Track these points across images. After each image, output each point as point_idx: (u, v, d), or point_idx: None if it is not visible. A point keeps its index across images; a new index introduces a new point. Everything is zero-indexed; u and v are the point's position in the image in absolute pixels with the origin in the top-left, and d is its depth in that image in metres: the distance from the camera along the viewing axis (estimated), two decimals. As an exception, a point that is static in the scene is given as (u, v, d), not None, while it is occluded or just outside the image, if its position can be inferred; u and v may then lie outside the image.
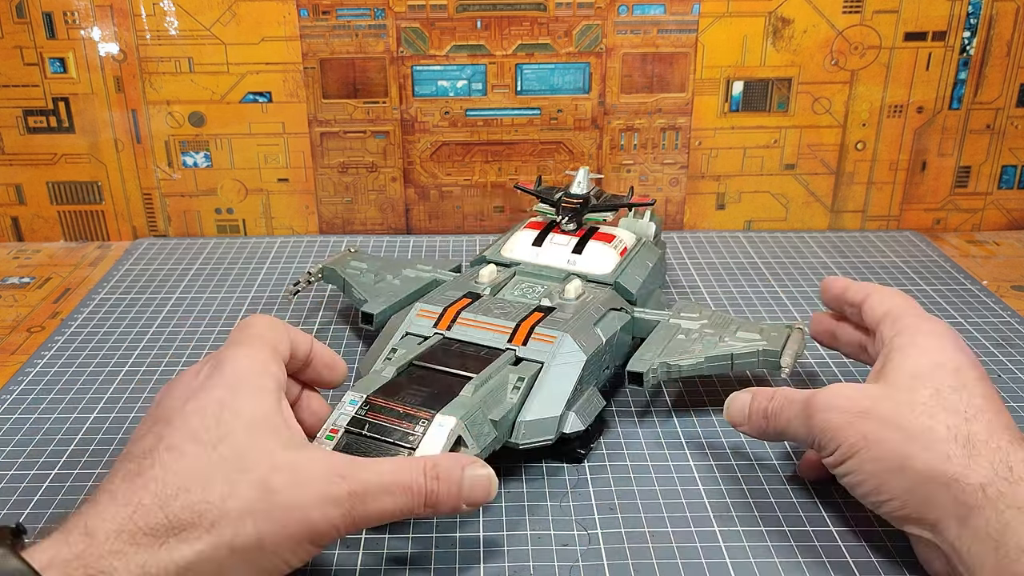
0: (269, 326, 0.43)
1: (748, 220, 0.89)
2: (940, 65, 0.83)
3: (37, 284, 0.77)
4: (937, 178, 0.88)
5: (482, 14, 0.80)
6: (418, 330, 0.54)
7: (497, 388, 0.48)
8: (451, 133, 0.84)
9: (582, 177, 0.65)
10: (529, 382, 0.49)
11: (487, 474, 0.40)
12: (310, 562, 0.43)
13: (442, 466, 0.38)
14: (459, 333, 0.53)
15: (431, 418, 0.43)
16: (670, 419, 0.56)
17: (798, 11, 0.80)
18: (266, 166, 0.85)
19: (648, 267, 0.63)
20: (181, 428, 0.37)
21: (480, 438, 0.44)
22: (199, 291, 0.74)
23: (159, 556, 0.33)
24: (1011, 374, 0.61)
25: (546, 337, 0.51)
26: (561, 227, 0.64)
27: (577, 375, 0.50)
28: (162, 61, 0.80)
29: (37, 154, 0.83)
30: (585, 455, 0.51)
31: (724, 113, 0.84)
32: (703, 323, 0.57)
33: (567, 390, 0.49)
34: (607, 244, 0.62)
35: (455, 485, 0.38)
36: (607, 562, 0.43)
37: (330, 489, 0.36)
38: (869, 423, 0.41)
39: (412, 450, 0.42)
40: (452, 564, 0.43)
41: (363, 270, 0.67)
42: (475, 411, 0.45)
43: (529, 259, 0.62)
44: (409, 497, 0.37)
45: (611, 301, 0.57)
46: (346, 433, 0.44)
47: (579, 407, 0.50)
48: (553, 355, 0.50)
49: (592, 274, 0.60)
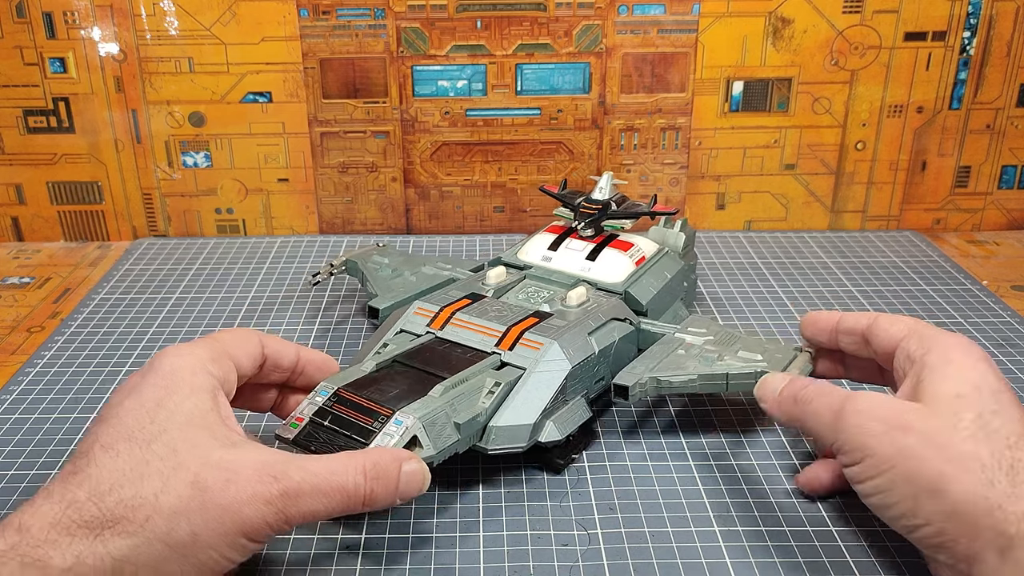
0: (231, 333, 0.44)
1: (748, 220, 0.89)
2: (940, 65, 0.83)
3: (37, 284, 0.77)
4: (937, 178, 0.88)
5: (482, 14, 0.80)
6: (412, 328, 0.54)
7: (471, 391, 0.47)
8: (451, 133, 0.84)
9: (604, 183, 0.64)
10: (508, 388, 0.48)
11: (421, 469, 0.40)
12: (310, 562, 0.43)
13: (380, 465, 0.39)
14: (450, 334, 0.53)
15: (390, 415, 0.44)
16: (671, 419, 0.56)
17: (798, 11, 0.80)
18: (266, 166, 0.85)
19: (666, 278, 0.61)
20: (116, 427, 0.37)
21: (437, 440, 0.44)
22: (199, 291, 0.74)
23: (94, 547, 0.34)
24: (1011, 374, 0.61)
25: (533, 343, 0.50)
26: (579, 233, 0.63)
27: (559, 384, 0.49)
28: (162, 61, 0.80)
29: (37, 154, 0.83)
30: (564, 465, 0.50)
31: (724, 113, 0.84)
32: (708, 339, 0.54)
33: (545, 398, 0.48)
34: (623, 252, 0.61)
35: (392, 483, 0.39)
36: (607, 562, 0.43)
37: (262, 489, 0.36)
38: (909, 438, 0.38)
39: (365, 444, 0.42)
40: (452, 564, 0.43)
41: (383, 265, 0.67)
42: (437, 412, 0.44)
43: (542, 263, 0.62)
44: (345, 498, 0.38)
45: (615, 311, 0.56)
46: (310, 422, 0.44)
47: (560, 416, 0.49)
48: (537, 362, 0.49)
49: (603, 282, 0.59)
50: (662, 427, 0.55)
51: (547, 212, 0.87)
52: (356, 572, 0.43)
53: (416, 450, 0.43)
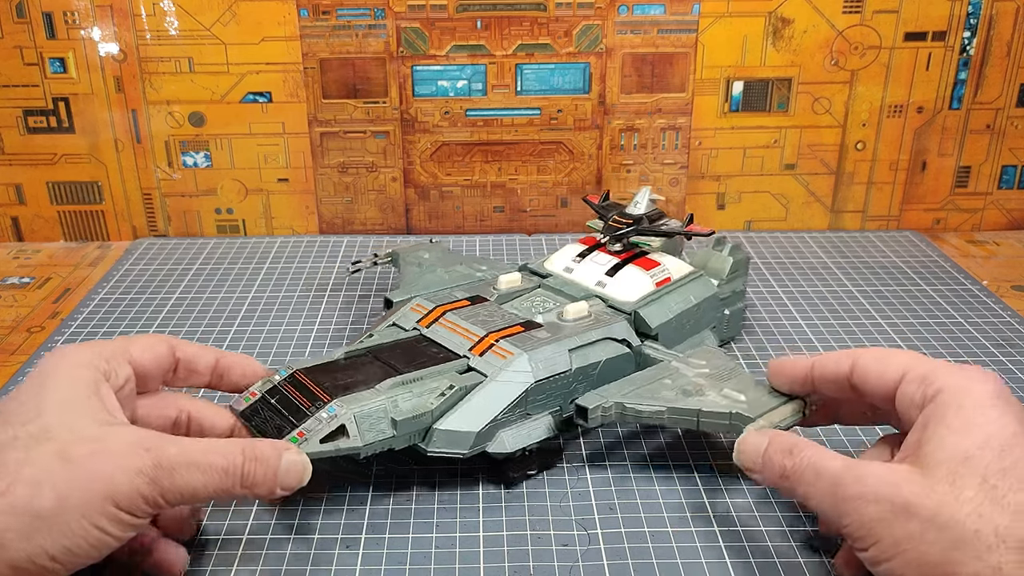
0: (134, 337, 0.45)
1: (748, 220, 0.89)
2: (940, 65, 0.83)
3: (37, 284, 0.77)
4: (937, 178, 0.88)
5: (482, 14, 0.80)
6: (403, 322, 0.55)
7: (423, 391, 0.47)
8: (451, 133, 0.84)
9: (641, 197, 0.62)
10: (463, 392, 0.47)
11: (302, 461, 0.40)
12: (309, 562, 0.43)
13: (259, 448, 0.39)
14: (432, 333, 0.53)
15: (328, 402, 0.44)
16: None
17: (798, 11, 0.80)
18: (266, 166, 0.85)
19: (690, 303, 0.58)
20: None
21: (368, 433, 0.44)
22: (199, 291, 0.74)
23: None
24: (1011, 374, 0.61)
25: (504, 352, 0.50)
26: (607, 246, 0.61)
27: (516, 396, 0.48)
28: (162, 61, 0.80)
29: (37, 154, 0.83)
30: (517, 480, 0.49)
31: (724, 113, 0.84)
32: (703, 372, 0.51)
33: (497, 408, 0.47)
34: (644, 271, 0.58)
35: (272, 469, 0.39)
36: (607, 562, 0.43)
37: (133, 459, 0.37)
38: (912, 523, 0.35)
39: (296, 425, 0.43)
40: (452, 564, 0.43)
41: (423, 260, 0.67)
42: (375, 407, 0.45)
43: (563, 274, 0.60)
44: (223, 476, 0.38)
45: (614, 330, 0.53)
46: (261, 398, 0.46)
47: (516, 430, 0.48)
48: (500, 371, 0.48)
49: (615, 299, 0.57)
50: (662, 427, 0.55)
51: (547, 212, 0.87)
52: (356, 572, 0.43)
53: (342, 439, 0.44)
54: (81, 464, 0.36)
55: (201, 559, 0.44)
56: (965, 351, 0.64)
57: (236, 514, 0.47)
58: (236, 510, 0.47)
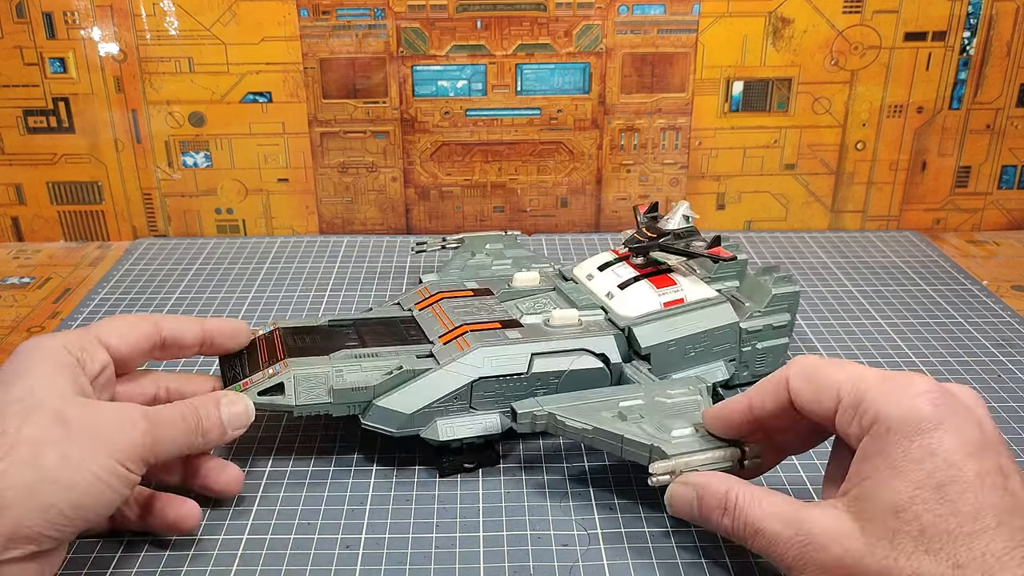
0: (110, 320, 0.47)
1: (748, 220, 0.89)
2: (940, 65, 0.83)
3: (37, 284, 0.77)
4: (937, 178, 0.88)
5: (482, 14, 0.80)
6: (405, 302, 0.57)
7: (373, 368, 0.49)
8: (451, 133, 0.84)
9: (675, 212, 0.60)
10: (410, 375, 0.49)
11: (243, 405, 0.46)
12: (309, 562, 0.43)
13: (199, 403, 0.44)
14: (420, 317, 0.55)
15: (279, 361, 0.49)
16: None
17: (798, 11, 0.80)
18: (266, 166, 0.85)
19: (699, 330, 0.55)
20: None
21: (304, 395, 0.47)
22: (199, 291, 0.74)
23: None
24: (1011, 374, 0.61)
25: (463, 344, 0.51)
26: (632, 259, 0.60)
27: (457, 387, 0.49)
28: (162, 61, 0.80)
29: (37, 154, 0.83)
30: (448, 471, 0.50)
31: (724, 113, 0.84)
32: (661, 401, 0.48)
33: (435, 396, 0.48)
34: (654, 289, 0.57)
35: (215, 419, 0.44)
36: (607, 562, 0.43)
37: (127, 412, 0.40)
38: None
39: (246, 376, 0.48)
40: (452, 564, 0.43)
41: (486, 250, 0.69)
42: (317, 373, 0.48)
43: (584, 281, 0.60)
44: (185, 427, 0.43)
45: (595, 343, 0.52)
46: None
47: (456, 421, 0.49)
48: (452, 361, 0.49)
49: (614, 313, 0.56)
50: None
51: (547, 212, 0.87)
52: (356, 572, 0.43)
53: (279, 396, 0.47)
54: (79, 422, 0.38)
55: (201, 559, 0.44)
56: (965, 351, 0.64)
57: (236, 514, 0.47)
58: (236, 510, 0.47)
